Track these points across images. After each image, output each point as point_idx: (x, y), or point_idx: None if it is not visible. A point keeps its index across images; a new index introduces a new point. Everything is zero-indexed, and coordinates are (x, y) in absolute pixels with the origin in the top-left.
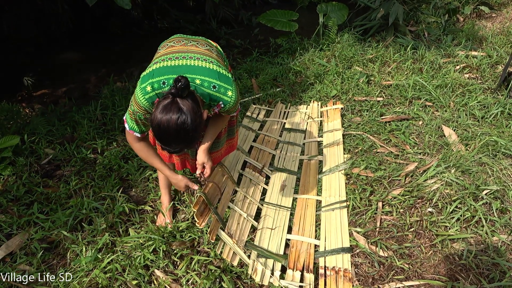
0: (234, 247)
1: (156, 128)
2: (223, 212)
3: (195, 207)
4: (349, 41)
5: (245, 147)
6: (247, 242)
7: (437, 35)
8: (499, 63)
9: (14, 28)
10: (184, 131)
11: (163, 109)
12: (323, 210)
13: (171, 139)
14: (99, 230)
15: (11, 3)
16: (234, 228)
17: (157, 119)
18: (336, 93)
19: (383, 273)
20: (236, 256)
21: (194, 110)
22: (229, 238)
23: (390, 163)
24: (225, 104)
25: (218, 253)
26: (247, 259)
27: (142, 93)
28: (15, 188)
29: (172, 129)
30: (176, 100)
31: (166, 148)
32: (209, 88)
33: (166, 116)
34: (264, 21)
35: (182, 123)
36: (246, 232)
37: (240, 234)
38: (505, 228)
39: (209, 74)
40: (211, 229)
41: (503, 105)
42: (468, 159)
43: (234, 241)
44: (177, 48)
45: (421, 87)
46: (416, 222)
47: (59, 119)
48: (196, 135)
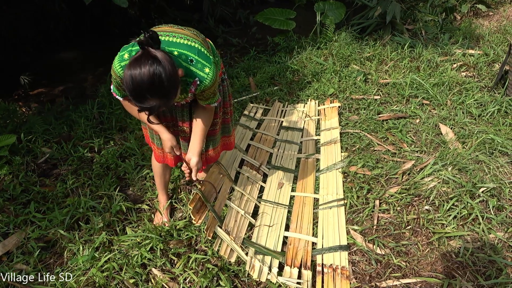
0: (232, 244)
1: (129, 82)
2: (220, 210)
3: (191, 204)
4: (347, 39)
5: (243, 146)
6: (245, 239)
7: (434, 34)
8: (496, 62)
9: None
10: (159, 79)
11: (134, 61)
12: (321, 208)
13: (145, 91)
14: (96, 229)
15: (9, 2)
16: (231, 225)
17: (129, 72)
18: (333, 91)
19: (380, 271)
20: (234, 253)
21: (168, 60)
22: (226, 235)
23: (387, 161)
24: (201, 81)
25: (216, 250)
26: (245, 256)
27: (118, 60)
28: (12, 187)
29: (146, 78)
30: (147, 50)
31: (142, 106)
32: (186, 62)
33: (138, 67)
34: (261, 19)
35: (156, 71)
36: (243, 229)
37: (238, 231)
38: (501, 226)
39: (188, 49)
40: (208, 226)
41: (499, 103)
42: (465, 157)
43: (231, 238)
44: (162, 28)
45: (418, 85)
46: (413, 220)
47: (56, 118)
48: (172, 86)
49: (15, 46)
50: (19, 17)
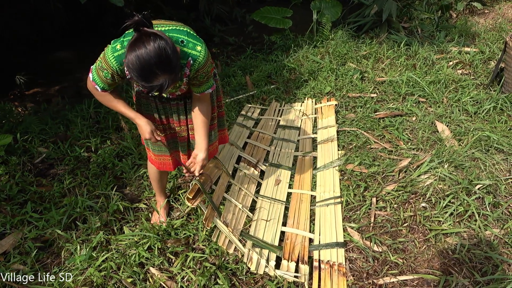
0: (230, 236)
1: (136, 63)
2: (218, 203)
3: (190, 193)
4: (343, 37)
5: (239, 143)
6: (243, 232)
7: (430, 32)
8: (491, 59)
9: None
10: (165, 53)
11: (135, 43)
12: (318, 205)
13: (154, 67)
14: (94, 229)
15: (3, 1)
16: (229, 218)
17: (133, 54)
18: (330, 89)
19: (378, 268)
20: (232, 244)
21: (165, 35)
22: (224, 226)
23: (384, 159)
24: (195, 60)
25: (214, 240)
26: (243, 248)
27: (111, 51)
28: (8, 187)
29: (153, 53)
30: (144, 30)
31: (152, 86)
32: (177, 43)
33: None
34: (258, 18)
35: (161, 45)
36: (241, 222)
37: (236, 223)
38: (497, 222)
39: (178, 32)
40: (207, 216)
41: (495, 100)
42: (461, 154)
43: (229, 229)
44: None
45: (414, 83)
46: (409, 217)
47: (52, 117)
48: (177, 58)
49: (10, 46)
50: (14, 17)
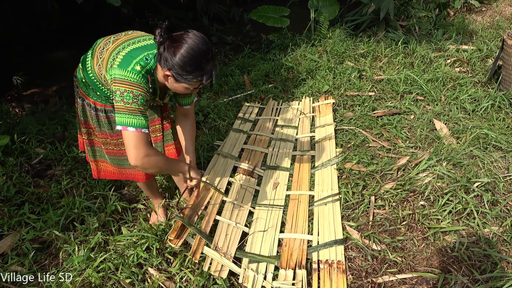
0: (222, 260)
1: (188, 57)
2: (208, 226)
3: (171, 234)
4: (341, 36)
5: (236, 150)
6: (238, 250)
7: (428, 30)
8: (489, 57)
9: (3, 27)
10: (206, 41)
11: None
12: (316, 204)
13: (206, 53)
14: (92, 229)
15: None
16: (222, 240)
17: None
18: (328, 88)
19: (376, 267)
20: (225, 269)
21: None
22: (215, 253)
23: (382, 157)
24: None
25: (206, 269)
26: (238, 269)
27: (135, 73)
28: (6, 188)
29: (200, 42)
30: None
31: (207, 72)
32: None
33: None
34: (255, 17)
35: (198, 35)
36: (236, 241)
37: (230, 244)
38: (496, 220)
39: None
40: (194, 250)
41: (493, 98)
42: (459, 152)
43: (221, 254)
44: (124, 38)
45: (412, 82)
46: (408, 215)
47: (49, 118)
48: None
49: (6, 46)
50: (10, 16)
